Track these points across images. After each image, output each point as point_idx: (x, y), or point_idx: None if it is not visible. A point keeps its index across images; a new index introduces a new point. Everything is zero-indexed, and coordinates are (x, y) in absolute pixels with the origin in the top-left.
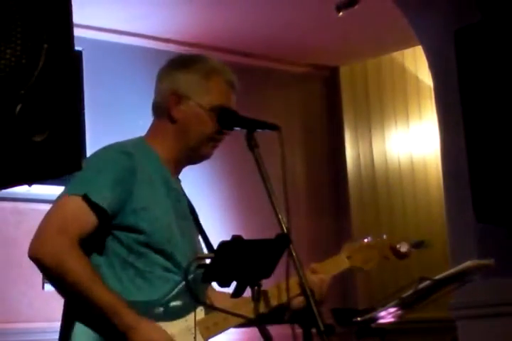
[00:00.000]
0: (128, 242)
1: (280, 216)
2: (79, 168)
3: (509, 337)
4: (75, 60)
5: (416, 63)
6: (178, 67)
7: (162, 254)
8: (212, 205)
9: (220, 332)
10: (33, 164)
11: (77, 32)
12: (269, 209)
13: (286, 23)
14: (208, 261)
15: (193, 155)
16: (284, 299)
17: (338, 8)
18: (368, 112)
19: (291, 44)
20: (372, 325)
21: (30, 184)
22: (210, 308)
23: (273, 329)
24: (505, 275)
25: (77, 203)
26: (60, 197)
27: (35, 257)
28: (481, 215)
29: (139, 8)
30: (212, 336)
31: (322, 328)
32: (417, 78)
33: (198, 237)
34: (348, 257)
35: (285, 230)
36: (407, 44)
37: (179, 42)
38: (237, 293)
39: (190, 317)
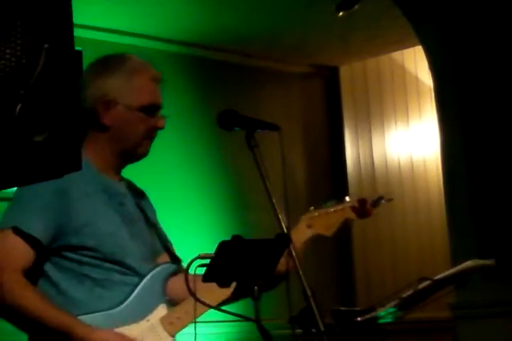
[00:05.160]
0: (78, 258)
1: (280, 215)
2: (78, 168)
3: (509, 337)
4: (76, 60)
5: (416, 63)
6: (101, 73)
7: (114, 263)
8: (212, 205)
9: (186, 325)
10: (33, 164)
11: (77, 32)
12: (269, 208)
13: (286, 23)
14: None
15: (132, 156)
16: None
17: (338, 8)
18: (367, 112)
19: (291, 44)
20: (372, 325)
21: (30, 184)
22: (211, 308)
23: (273, 329)
24: (505, 276)
25: (10, 237)
26: None
27: None
28: (478, 216)
29: (139, 7)
30: (179, 330)
31: (322, 328)
32: (416, 78)
33: (153, 234)
34: (309, 226)
35: (285, 230)
36: (407, 44)
37: (179, 42)
38: (237, 293)
39: (152, 316)
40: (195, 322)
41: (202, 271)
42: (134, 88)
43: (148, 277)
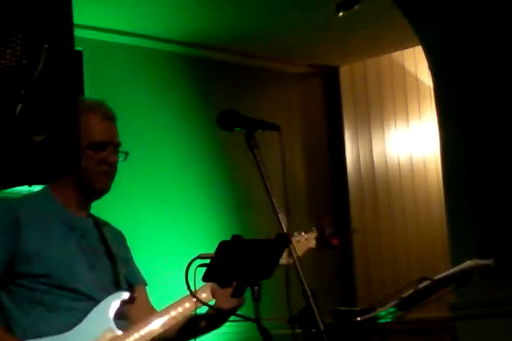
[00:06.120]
0: (30, 285)
1: (280, 215)
2: (78, 168)
3: (509, 337)
4: (76, 60)
5: (416, 63)
6: None
7: (66, 289)
8: (213, 205)
9: None
10: (33, 164)
11: (77, 32)
12: (269, 208)
13: (286, 23)
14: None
15: (92, 192)
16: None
17: (338, 9)
18: (367, 112)
19: (291, 44)
20: (372, 325)
21: (30, 184)
22: (212, 308)
23: (273, 329)
24: (505, 276)
25: None
26: None
27: None
28: (478, 216)
29: (139, 8)
30: None
31: (322, 328)
32: (416, 78)
33: (116, 266)
34: None
35: (285, 230)
36: (407, 44)
37: (179, 42)
38: (237, 293)
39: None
40: None
41: (202, 270)
42: (86, 128)
43: (99, 304)
